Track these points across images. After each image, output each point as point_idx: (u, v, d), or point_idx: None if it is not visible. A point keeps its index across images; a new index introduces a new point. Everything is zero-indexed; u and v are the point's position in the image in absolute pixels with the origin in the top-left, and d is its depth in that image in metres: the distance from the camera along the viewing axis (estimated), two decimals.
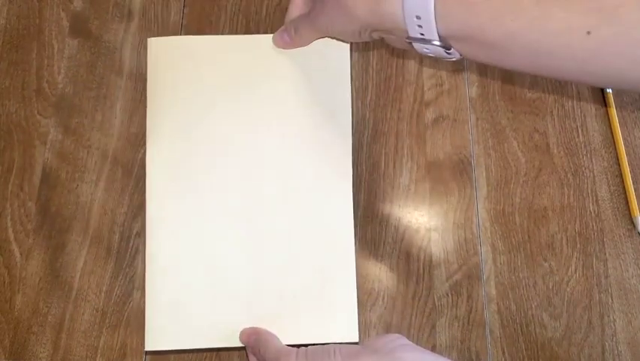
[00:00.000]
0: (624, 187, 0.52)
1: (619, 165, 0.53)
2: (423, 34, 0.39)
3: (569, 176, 0.52)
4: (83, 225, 0.51)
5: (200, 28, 0.57)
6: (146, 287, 0.46)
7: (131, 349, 0.48)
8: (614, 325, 0.48)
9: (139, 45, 0.56)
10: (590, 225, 0.51)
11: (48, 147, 0.53)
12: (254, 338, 0.44)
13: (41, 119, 0.54)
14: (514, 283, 0.50)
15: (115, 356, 0.47)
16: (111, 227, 0.51)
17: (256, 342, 0.44)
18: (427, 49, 0.40)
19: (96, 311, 0.48)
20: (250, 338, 0.45)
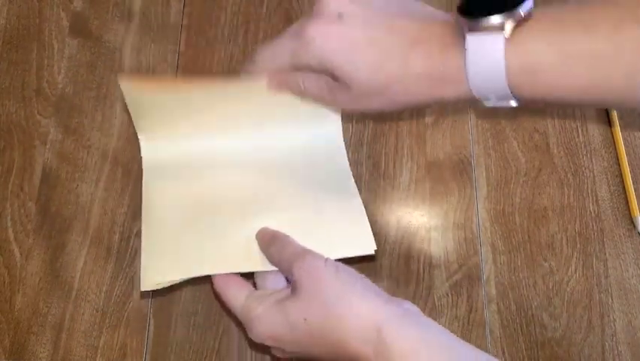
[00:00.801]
0: (624, 187, 0.52)
1: (619, 165, 0.53)
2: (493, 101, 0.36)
3: (569, 176, 0.52)
4: (82, 225, 0.51)
5: (201, 28, 0.57)
6: (143, 227, 0.44)
7: (131, 349, 0.47)
8: (614, 325, 0.48)
9: (139, 45, 0.56)
10: (590, 225, 0.51)
11: (48, 147, 0.53)
12: (269, 237, 0.42)
13: (41, 119, 0.54)
14: (514, 283, 0.50)
15: (115, 356, 0.47)
16: (111, 227, 0.51)
17: (272, 240, 0.41)
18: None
19: (96, 311, 0.48)
20: (265, 238, 0.42)
